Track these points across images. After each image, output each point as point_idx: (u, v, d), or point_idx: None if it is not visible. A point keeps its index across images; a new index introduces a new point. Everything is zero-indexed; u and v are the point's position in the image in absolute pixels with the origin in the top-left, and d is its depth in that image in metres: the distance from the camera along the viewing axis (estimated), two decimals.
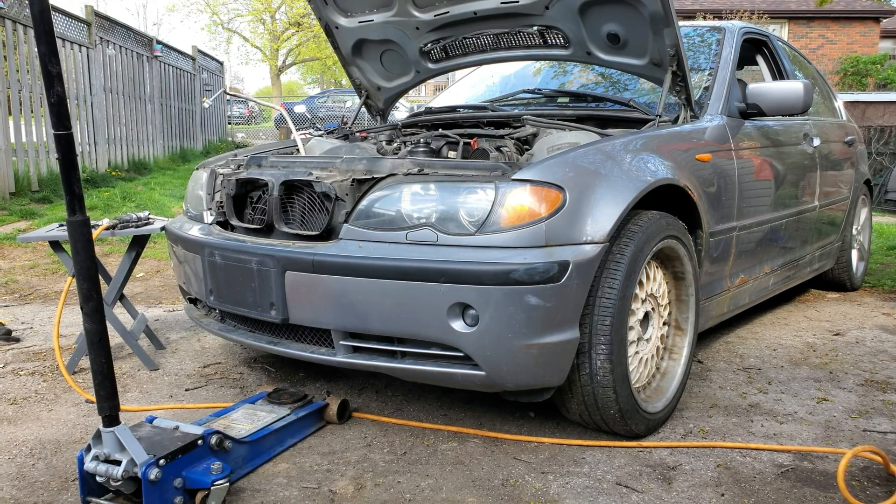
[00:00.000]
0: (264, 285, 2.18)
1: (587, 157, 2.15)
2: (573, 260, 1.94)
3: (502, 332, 1.91)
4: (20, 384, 2.71)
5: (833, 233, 4.06)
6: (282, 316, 2.17)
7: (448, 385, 2.18)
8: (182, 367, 2.94)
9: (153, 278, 4.75)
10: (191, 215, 2.73)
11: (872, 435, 2.27)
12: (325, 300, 2.08)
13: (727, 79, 3.02)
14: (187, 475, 1.76)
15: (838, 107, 4.58)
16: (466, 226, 1.97)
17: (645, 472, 1.99)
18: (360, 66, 3.40)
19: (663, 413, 2.30)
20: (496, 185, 1.97)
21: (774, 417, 2.40)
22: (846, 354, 3.14)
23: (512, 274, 1.87)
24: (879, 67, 17.34)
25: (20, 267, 4.89)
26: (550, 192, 1.96)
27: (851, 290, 4.48)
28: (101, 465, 1.69)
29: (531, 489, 1.88)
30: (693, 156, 2.56)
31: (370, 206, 2.11)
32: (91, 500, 1.76)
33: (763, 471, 2.01)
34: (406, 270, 1.95)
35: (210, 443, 1.84)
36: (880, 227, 6.75)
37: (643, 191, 2.17)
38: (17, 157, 6.95)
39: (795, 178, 3.39)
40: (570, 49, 2.89)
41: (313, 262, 2.08)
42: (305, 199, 2.24)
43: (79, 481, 1.75)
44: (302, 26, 28.14)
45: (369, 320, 2.03)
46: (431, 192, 2.04)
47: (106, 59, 9.02)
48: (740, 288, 3.01)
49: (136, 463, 1.67)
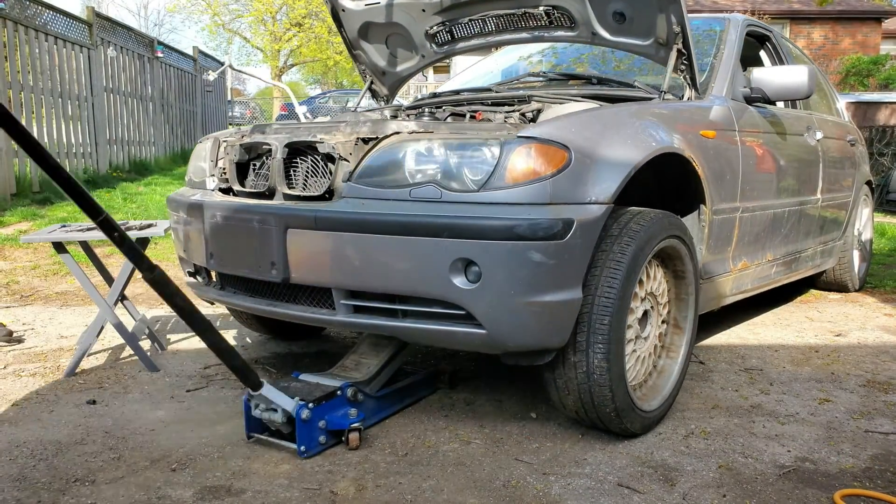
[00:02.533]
0: (265, 244, 2.16)
1: (593, 120, 2.15)
2: (577, 219, 1.93)
3: (504, 289, 1.90)
4: (21, 385, 2.71)
5: (835, 230, 4.05)
6: (282, 275, 2.15)
7: (449, 345, 2.17)
8: (183, 367, 2.94)
9: None
10: (193, 184, 2.72)
11: (874, 436, 2.27)
12: (327, 258, 2.07)
13: (731, 63, 3.03)
14: (329, 418, 2.11)
15: (839, 108, 4.58)
16: (471, 183, 1.95)
17: (647, 472, 1.99)
18: (366, 50, 3.39)
19: (658, 412, 2.29)
20: (501, 142, 1.96)
21: (776, 418, 2.40)
22: (848, 355, 3.14)
23: (515, 229, 1.86)
24: (881, 68, 17.31)
25: (21, 268, 4.89)
26: (555, 151, 1.96)
27: (853, 291, 4.47)
28: (264, 412, 2.09)
29: (532, 490, 1.88)
30: (697, 131, 2.56)
31: (373, 164, 2.10)
32: (253, 436, 2.17)
33: (765, 471, 2.00)
34: (409, 225, 1.94)
35: (347, 394, 2.16)
36: (882, 227, 6.75)
37: (648, 156, 2.17)
38: (17, 159, 6.95)
39: (798, 169, 3.40)
40: (576, 30, 2.89)
41: (316, 218, 2.06)
42: (308, 162, 2.22)
43: (245, 420, 2.16)
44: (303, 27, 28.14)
45: (371, 277, 2.02)
46: (436, 149, 2.03)
47: (107, 59, 9.02)
48: (743, 272, 3.00)
49: (288, 409, 2.04)
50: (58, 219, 6.14)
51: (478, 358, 3.04)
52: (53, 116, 7.69)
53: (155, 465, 2.01)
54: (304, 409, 2.04)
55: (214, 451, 2.11)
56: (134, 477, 1.95)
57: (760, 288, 3.29)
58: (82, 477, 1.95)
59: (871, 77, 17.21)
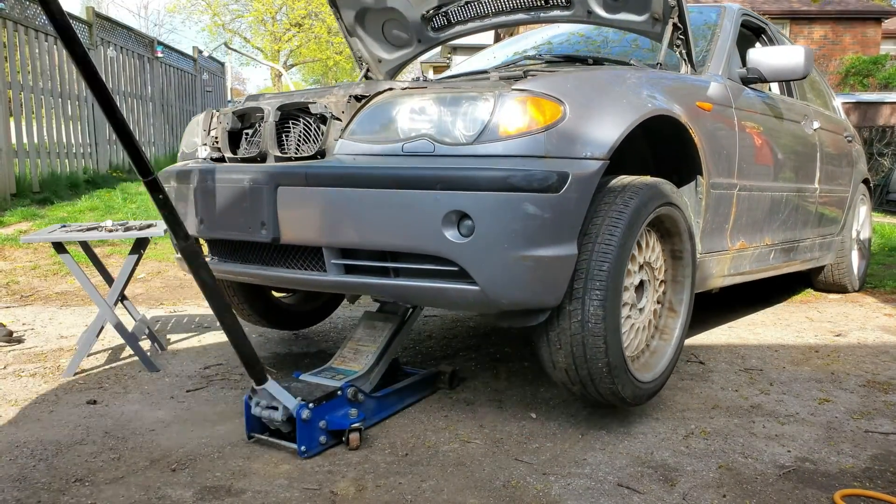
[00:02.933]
0: (255, 203, 2.13)
1: (590, 78, 2.15)
2: (573, 173, 1.92)
3: (498, 243, 1.88)
4: (21, 385, 2.71)
5: (833, 224, 4.06)
6: (272, 234, 2.12)
7: (442, 305, 2.15)
8: (183, 368, 2.94)
9: (154, 279, 4.75)
10: (184, 156, 2.71)
11: (874, 436, 2.27)
12: (318, 215, 2.04)
13: (728, 45, 3.04)
14: (329, 419, 2.11)
15: (836, 106, 4.59)
16: (464, 136, 1.94)
17: (647, 473, 1.99)
18: (362, 37, 3.39)
19: (651, 386, 2.28)
20: (496, 94, 1.95)
21: (776, 418, 2.40)
22: (848, 355, 3.14)
23: (510, 179, 1.84)
24: (881, 68, 17.32)
25: (21, 268, 4.89)
26: (550, 104, 1.94)
27: (853, 291, 4.47)
28: (264, 410, 2.09)
29: (532, 490, 1.88)
30: (694, 101, 2.56)
31: (366, 120, 2.08)
32: (254, 436, 2.17)
33: (765, 472, 2.00)
34: (401, 178, 1.92)
35: (347, 394, 2.18)
36: (882, 228, 6.75)
37: (644, 115, 2.16)
38: (17, 159, 6.95)
39: (796, 155, 3.41)
40: (572, 9, 2.90)
41: (306, 175, 2.04)
42: (301, 126, 2.21)
43: (245, 420, 2.16)
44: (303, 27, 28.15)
45: (363, 234, 1.99)
46: (429, 104, 2.01)
47: (107, 60, 9.02)
48: (741, 253, 3.01)
49: (290, 408, 2.04)
50: (58, 219, 6.14)
51: (478, 358, 3.05)
52: (53, 116, 7.68)
53: (155, 466, 2.01)
54: (305, 409, 2.05)
55: (214, 452, 2.11)
56: (134, 477, 1.94)
57: (758, 273, 3.29)
58: (82, 477, 1.95)
59: (871, 77, 17.21)
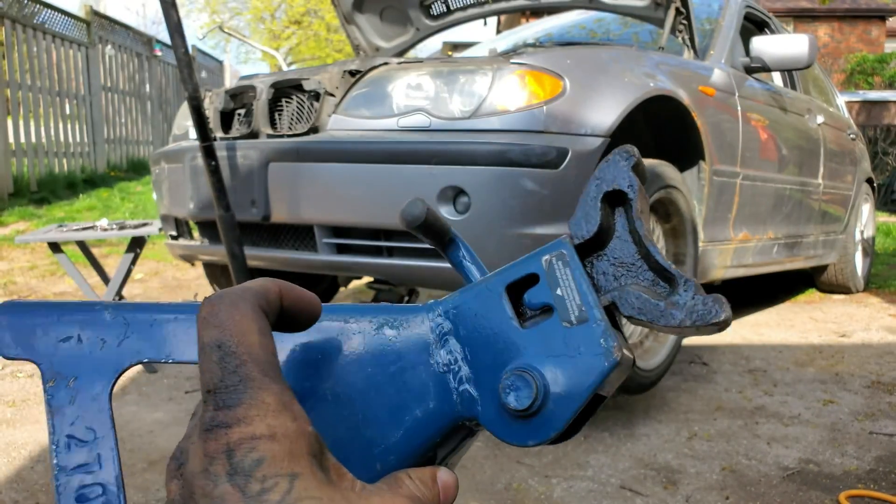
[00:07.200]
0: (245, 181, 2.09)
1: (592, 54, 2.12)
2: (572, 149, 1.88)
3: (494, 219, 1.84)
4: (18, 387, 2.69)
5: (836, 222, 4.04)
6: (263, 213, 2.08)
7: (437, 285, 2.11)
8: (181, 369, 2.91)
9: (152, 280, 4.73)
10: (176, 138, 2.67)
11: (879, 437, 2.25)
12: (309, 191, 2.00)
13: (731, 33, 3.01)
14: None
15: (839, 104, 4.58)
16: (461, 111, 1.89)
17: (649, 475, 1.97)
18: (360, 24, 3.35)
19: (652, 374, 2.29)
20: (494, 68, 1.90)
21: (780, 420, 2.37)
22: (852, 356, 3.11)
23: (508, 154, 1.80)
24: (886, 66, 17.29)
25: (19, 268, 4.87)
26: (550, 79, 1.90)
27: (857, 292, 4.45)
28: None
29: (535, 493, 1.86)
30: (697, 86, 2.53)
31: (360, 94, 2.04)
32: None
33: (768, 473, 1.98)
34: (395, 153, 1.88)
35: None
36: (887, 227, 6.72)
37: (646, 94, 2.12)
38: (15, 158, 6.93)
39: (799, 148, 3.39)
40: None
41: (298, 150, 2.00)
42: (294, 104, 2.17)
43: None
44: (301, 25, 28.12)
45: (355, 211, 1.95)
46: (426, 78, 1.96)
47: (105, 58, 9.00)
48: (744, 244, 2.98)
49: None
50: (56, 218, 6.12)
51: None
52: (51, 115, 7.66)
53: (153, 467, 1.99)
54: None
55: None
56: (132, 479, 1.92)
57: (761, 266, 3.26)
58: None
59: (877, 75, 17.19)
